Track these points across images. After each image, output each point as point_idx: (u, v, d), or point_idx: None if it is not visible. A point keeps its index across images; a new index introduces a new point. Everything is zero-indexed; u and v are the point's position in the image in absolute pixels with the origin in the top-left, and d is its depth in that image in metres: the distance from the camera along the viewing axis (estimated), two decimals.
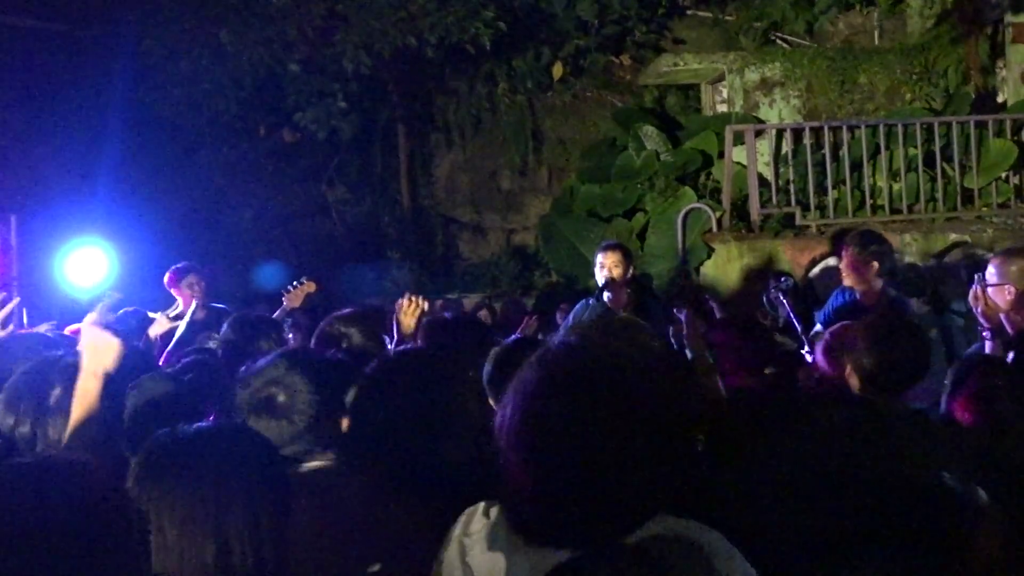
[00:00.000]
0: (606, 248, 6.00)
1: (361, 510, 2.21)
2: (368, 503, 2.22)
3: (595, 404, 1.65)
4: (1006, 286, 3.93)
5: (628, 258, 5.94)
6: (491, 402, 2.87)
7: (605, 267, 5.83)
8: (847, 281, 5.59)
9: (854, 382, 3.25)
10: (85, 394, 2.48)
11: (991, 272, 4.03)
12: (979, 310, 4.04)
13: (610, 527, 1.62)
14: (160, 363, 4.58)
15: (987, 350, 4.00)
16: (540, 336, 4.94)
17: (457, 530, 1.94)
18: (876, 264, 5.49)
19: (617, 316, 4.85)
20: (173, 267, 6.80)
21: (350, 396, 2.47)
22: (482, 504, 1.92)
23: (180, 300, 6.56)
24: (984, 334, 4.04)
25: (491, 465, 1.84)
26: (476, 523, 1.90)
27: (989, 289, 4.01)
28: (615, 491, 1.63)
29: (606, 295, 5.75)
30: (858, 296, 5.57)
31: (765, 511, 1.90)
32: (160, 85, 11.36)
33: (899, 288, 6.04)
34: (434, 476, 2.28)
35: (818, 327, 5.48)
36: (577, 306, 5.99)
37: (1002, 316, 3.91)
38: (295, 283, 6.13)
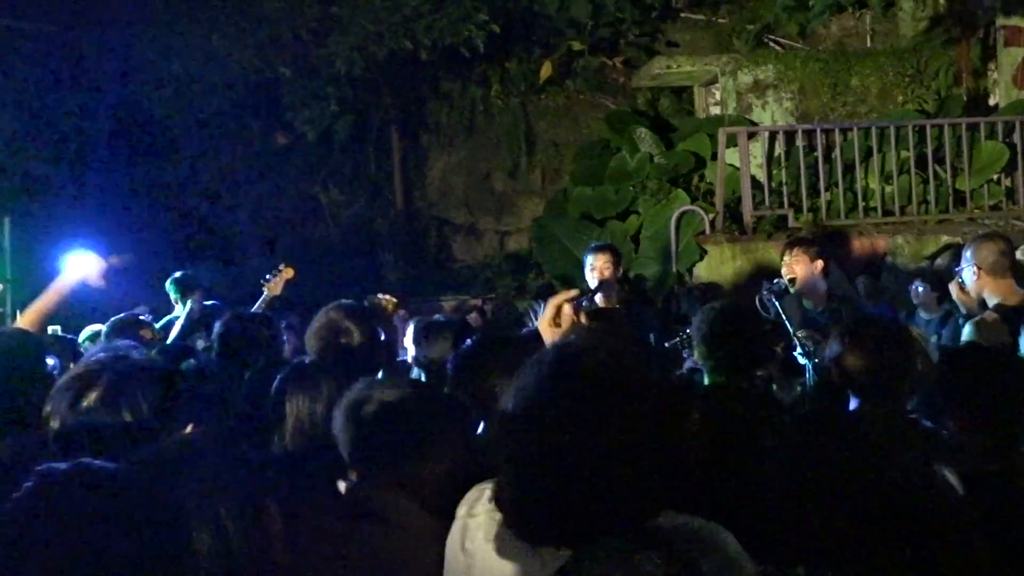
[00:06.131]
0: (596, 250, 6.01)
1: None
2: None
3: (596, 404, 1.64)
4: (973, 267, 4.09)
5: (617, 258, 5.94)
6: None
7: (596, 268, 5.84)
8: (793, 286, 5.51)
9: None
10: (56, 286, 3.52)
11: (965, 256, 4.18)
12: (955, 296, 4.31)
13: (613, 526, 1.60)
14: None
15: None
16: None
17: (462, 510, 1.94)
18: (820, 263, 5.51)
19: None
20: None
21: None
22: (488, 486, 1.90)
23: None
24: (960, 321, 4.21)
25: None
26: (480, 506, 1.89)
27: (962, 272, 4.16)
28: (618, 490, 1.62)
29: (598, 296, 5.78)
30: (805, 298, 5.55)
31: (759, 511, 1.91)
32: (153, 87, 11.35)
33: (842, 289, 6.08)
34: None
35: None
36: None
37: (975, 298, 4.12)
38: (273, 271, 6.15)
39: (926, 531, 1.74)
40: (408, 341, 4.63)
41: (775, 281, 5.72)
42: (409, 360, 4.60)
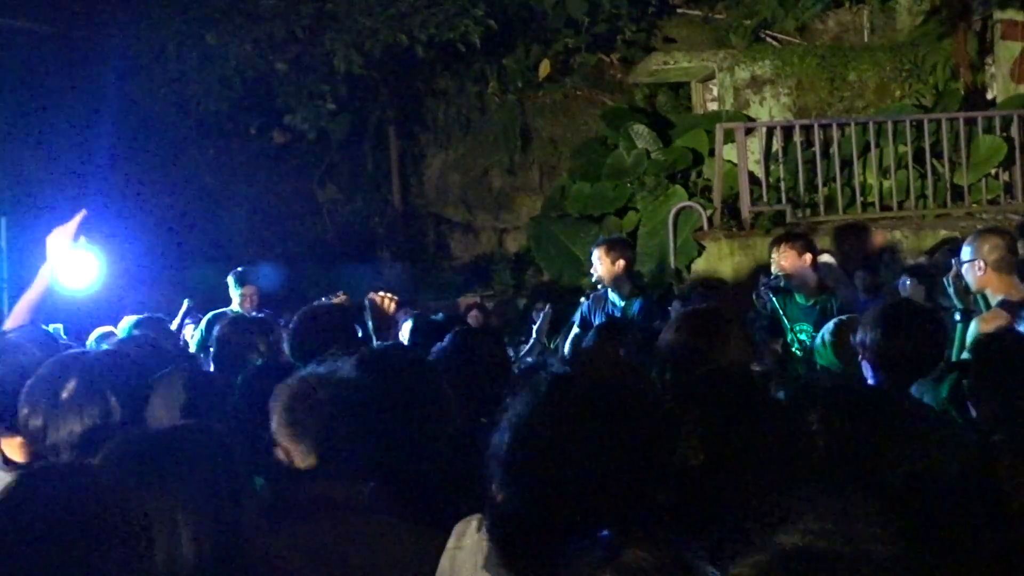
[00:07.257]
0: (595, 245, 6.11)
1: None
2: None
3: (591, 436, 1.62)
4: (976, 262, 4.06)
5: (614, 252, 5.91)
6: None
7: (593, 264, 5.95)
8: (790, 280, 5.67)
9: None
10: (41, 277, 3.56)
11: (965, 251, 4.17)
12: (952, 290, 4.31)
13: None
14: None
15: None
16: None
17: (451, 542, 1.92)
18: (809, 256, 5.66)
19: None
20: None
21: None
22: (476, 517, 1.89)
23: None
24: (956, 316, 4.20)
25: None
26: (469, 537, 1.87)
27: (963, 266, 4.15)
28: (604, 522, 1.57)
29: (610, 293, 5.90)
30: (797, 292, 5.65)
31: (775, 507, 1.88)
32: (150, 86, 11.34)
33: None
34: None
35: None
36: (583, 304, 6.13)
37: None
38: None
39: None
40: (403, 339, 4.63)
41: (772, 276, 5.75)
42: None
